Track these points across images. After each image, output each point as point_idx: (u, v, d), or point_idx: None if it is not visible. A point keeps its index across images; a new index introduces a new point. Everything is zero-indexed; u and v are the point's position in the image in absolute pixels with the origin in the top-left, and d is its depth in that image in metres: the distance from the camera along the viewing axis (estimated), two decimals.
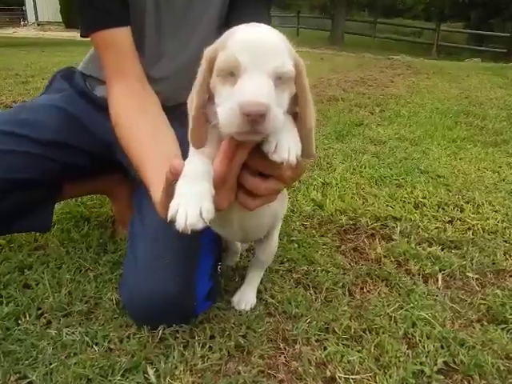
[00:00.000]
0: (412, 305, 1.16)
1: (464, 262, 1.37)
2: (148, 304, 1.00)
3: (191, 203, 0.70)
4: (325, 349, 1.01)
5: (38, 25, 18.66)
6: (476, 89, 4.98)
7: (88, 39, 1.12)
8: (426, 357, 0.98)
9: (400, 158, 2.39)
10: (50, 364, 0.92)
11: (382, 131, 3.00)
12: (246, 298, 1.16)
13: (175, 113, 1.04)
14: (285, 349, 1.01)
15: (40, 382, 0.88)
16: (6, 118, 1.23)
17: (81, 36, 1.17)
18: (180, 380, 0.90)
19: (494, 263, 1.38)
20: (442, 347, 1.02)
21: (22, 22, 18.88)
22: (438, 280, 1.29)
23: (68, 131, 1.23)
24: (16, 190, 1.16)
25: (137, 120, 1.05)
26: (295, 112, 0.77)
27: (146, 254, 1.05)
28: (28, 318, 1.07)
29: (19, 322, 1.06)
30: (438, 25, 15.93)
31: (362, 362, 0.96)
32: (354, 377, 0.92)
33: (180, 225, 0.69)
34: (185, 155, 0.82)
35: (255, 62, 0.65)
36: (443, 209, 1.76)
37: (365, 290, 1.25)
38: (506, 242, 1.52)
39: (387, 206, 1.77)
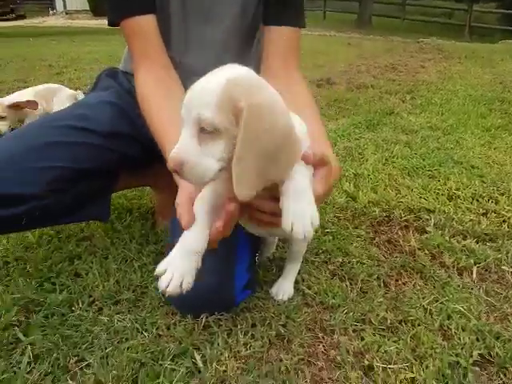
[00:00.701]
0: (447, 298, 1.18)
1: (499, 256, 1.38)
2: (190, 295, 1.05)
3: (176, 274, 0.82)
4: (362, 339, 1.05)
5: (67, 13, 18.91)
6: (511, 73, 4.85)
7: (116, 28, 1.18)
8: (462, 349, 1.01)
9: (432, 147, 2.38)
10: (106, 348, 1.00)
11: (414, 120, 2.98)
12: (283, 288, 1.20)
13: None
14: (323, 338, 1.06)
15: (98, 364, 0.95)
16: (63, 114, 1.32)
17: (108, 25, 1.23)
18: (226, 365, 0.96)
19: None
20: (478, 340, 1.04)
21: (51, 11, 19.16)
22: (472, 273, 1.31)
23: (121, 123, 1.30)
24: (81, 180, 1.22)
25: (161, 105, 1.11)
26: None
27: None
28: (81, 305, 1.14)
29: (73, 308, 1.14)
30: (470, 5, 15.41)
31: (398, 353, 1.00)
32: (391, 366, 0.96)
33: (161, 287, 0.81)
34: None
35: (185, 114, 0.73)
36: (477, 201, 1.75)
37: (400, 282, 1.27)
38: None
39: (420, 197, 1.78)
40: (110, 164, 1.30)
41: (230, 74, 0.73)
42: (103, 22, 1.49)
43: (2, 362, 0.97)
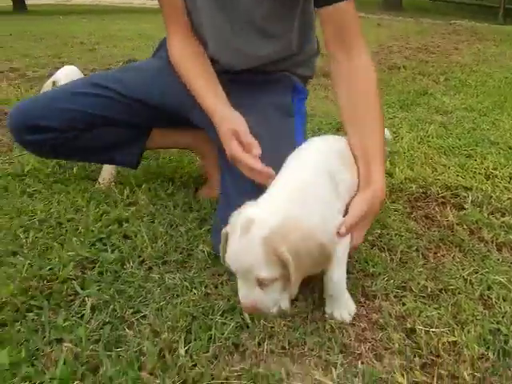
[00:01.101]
0: (487, 269, 1.20)
1: None
2: None
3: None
4: (403, 304, 1.08)
5: None
6: None
7: (144, 7, 1.30)
8: (503, 317, 1.04)
9: (468, 128, 2.36)
10: (159, 302, 1.05)
11: (448, 101, 2.94)
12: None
13: None
14: (365, 302, 1.10)
15: (153, 316, 1.01)
16: (104, 74, 1.60)
17: None
18: (273, 322, 1.01)
19: None
20: None
21: None
22: None
23: (150, 91, 1.44)
24: (101, 126, 1.46)
25: (193, 61, 1.31)
26: None
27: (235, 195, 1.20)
28: (132, 264, 1.21)
29: (124, 266, 1.20)
30: None
31: (440, 318, 1.03)
32: (433, 330, 0.99)
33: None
34: None
35: (240, 272, 0.86)
36: None
37: (439, 255, 1.30)
38: None
39: (457, 175, 1.79)
40: (134, 120, 1.49)
41: (261, 230, 0.83)
42: (131, 1, 1.56)
43: (63, 312, 1.03)
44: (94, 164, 1.78)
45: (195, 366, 0.89)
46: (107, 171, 1.68)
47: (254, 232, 0.83)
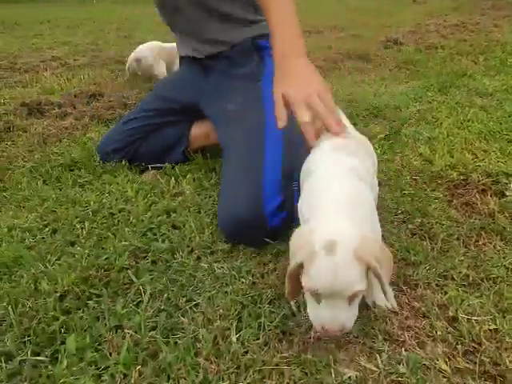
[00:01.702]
0: None
1: None
2: (227, 225, 1.29)
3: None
4: (445, 293, 1.10)
5: None
6: None
7: None
8: None
9: (509, 111, 2.31)
10: (210, 291, 1.12)
11: (488, 82, 2.87)
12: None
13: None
14: (407, 291, 1.13)
15: (206, 304, 1.07)
16: (147, 99, 1.95)
17: None
18: None
19: None
20: None
21: None
22: None
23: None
24: (151, 134, 1.76)
25: None
26: None
27: (224, 182, 1.42)
28: (181, 253, 1.27)
29: (175, 256, 1.27)
30: None
31: (482, 307, 1.05)
32: (475, 318, 1.02)
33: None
34: None
35: (332, 293, 0.84)
36: None
37: (480, 243, 1.31)
38: None
39: (498, 161, 1.77)
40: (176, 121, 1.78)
41: (349, 246, 0.83)
42: None
43: (120, 300, 1.11)
44: None
45: (247, 352, 0.95)
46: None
47: (343, 249, 0.83)
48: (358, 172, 1.02)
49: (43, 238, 1.34)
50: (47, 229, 1.38)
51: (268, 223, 1.28)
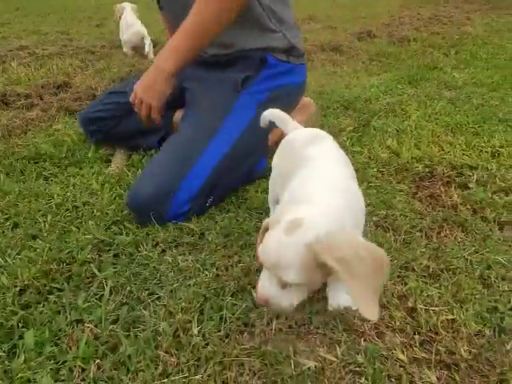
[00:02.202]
0: (488, 249, 1.24)
1: None
2: (131, 201, 1.36)
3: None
4: (405, 284, 1.13)
5: None
6: None
7: None
8: (501, 296, 1.08)
9: (477, 104, 2.36)
10: (173, 284, 1.11)
11: (458, 75, 2.92)
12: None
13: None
14: None
15: (167, 297, 1.07)
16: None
17: None
18: None
19: None
20: None
21: None
22: None
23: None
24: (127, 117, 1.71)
25: None
26: None
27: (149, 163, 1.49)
28: (146, 247, 1.26)
29: (139, 249, 1.26)
30: None
31: (440, 297, 1.08)
32: (433, 308, 1.04)
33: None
34: None
35: (268, 267, 0.85)
36: None
37: (442, 235, 1.33)
38: None
39: (463, 154, 1.80)
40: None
41: (305, 235, 0.81)
42: None
43: (82, 294, 1.10)
44: (106, 148, 1.83)
45: (208, 344, 0.95)
46: (119, 155, 1.72)
47: (301, 235, 0.81)
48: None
49: (3, 232, 1.31)
50: (8, 223, 1.35)
51: (166, 219, 1.35)
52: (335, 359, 0.93)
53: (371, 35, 4.34)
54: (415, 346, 0.95)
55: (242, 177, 1.55)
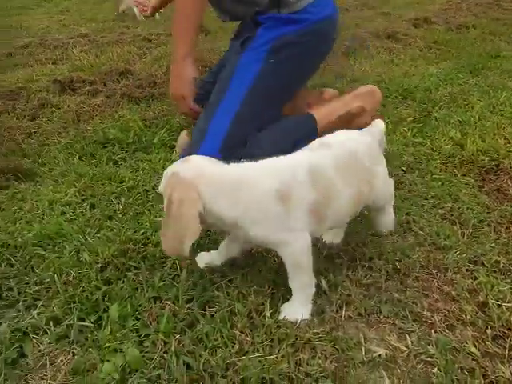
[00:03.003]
0: None
1: None
2: None
3: None
4: (475, 278, 1.12)
5: None
6: None
7: None
8: None
9: None
10: (244, 268, 1.15)
11: None
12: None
13: None
14: (437, 275, 1.14)
15: (239, 280, 1.11)
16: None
17: None
18: (349, 290, 1.08)
19: None
20: None
21: None
22: None
23: None
24: None
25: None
26: None
27: None
28: (215, 231, 1.31)
29: (208, 233, 1.30)
30: None
31: None
32: (506, 304, 1.03)
33: None
34: None
35: None
36: None
37: (511, 230, 1.31)
38: None
39: None
40: None
41: (174, 169, 0.99)
42: None
43: (158, 273, 1.15)
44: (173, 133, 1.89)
45: (279, 327, 0.98)
46: (183, 139, 1.78)
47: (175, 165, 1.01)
48: None
49: (82, 212, 1.39)
50: (85, 203, 1.43)
51: None
52: (406, 349, 0.95)
53: (428, 21, 4.20)
54: (487, 341, 0.95)
55: (273, 119, 1.60)
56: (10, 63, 3.28)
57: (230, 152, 1.42)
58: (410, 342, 0.96)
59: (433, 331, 0.98)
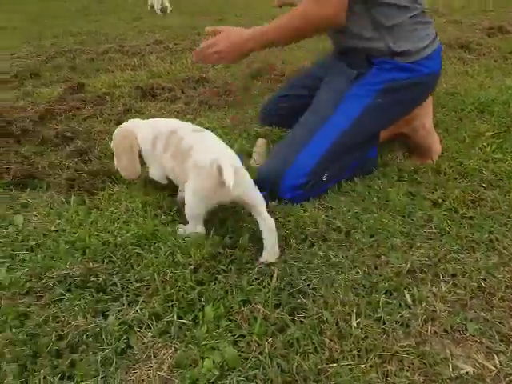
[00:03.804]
0: None
1: None
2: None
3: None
4: None
5: None
6: None
7: None
8: None
9: None
10: (328, 277, 1.20)
11: None
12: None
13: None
14: None
15: (325, 288, 1.16)
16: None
17: None
18: (433, 306, 1.11)
19: None
20: None
21: None
22: None
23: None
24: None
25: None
26: None
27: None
28: (295, 240, 1.37)
29: (289, 242, 1.36)
30: None
31: None
32: None
33: None
34: None
35: None
36: None
37: None
38: None
39: None
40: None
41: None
42: None
43: (245, 277, 1.22)
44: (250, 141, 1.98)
45: (367, 337, 1.02)
46: (260, 147, 1.86)
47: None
48: None
49: (172, 215, 1.49)
50: (175, 208, 1.53)
51: (280, 193, 1.54)
52: (494, 368, 0.96)
53: (503, 31, 4.08)
54: None
55: (353, 161, 1.68)
56: (92, 68, 3.51)
57: (313, 177, 1.55)
58: (498, 362, 0.97)
59: None
